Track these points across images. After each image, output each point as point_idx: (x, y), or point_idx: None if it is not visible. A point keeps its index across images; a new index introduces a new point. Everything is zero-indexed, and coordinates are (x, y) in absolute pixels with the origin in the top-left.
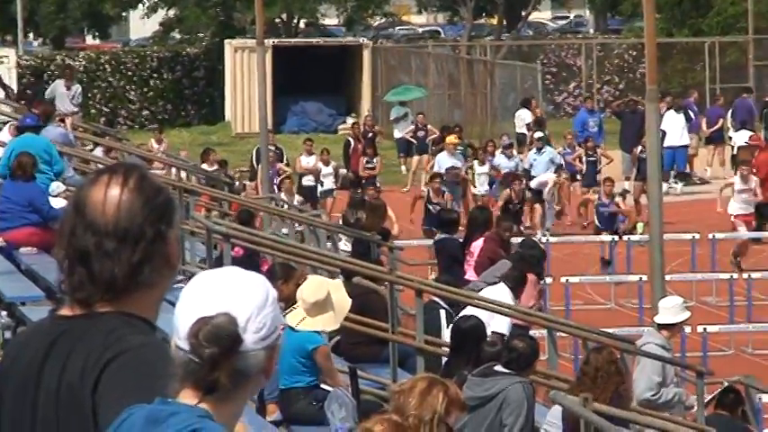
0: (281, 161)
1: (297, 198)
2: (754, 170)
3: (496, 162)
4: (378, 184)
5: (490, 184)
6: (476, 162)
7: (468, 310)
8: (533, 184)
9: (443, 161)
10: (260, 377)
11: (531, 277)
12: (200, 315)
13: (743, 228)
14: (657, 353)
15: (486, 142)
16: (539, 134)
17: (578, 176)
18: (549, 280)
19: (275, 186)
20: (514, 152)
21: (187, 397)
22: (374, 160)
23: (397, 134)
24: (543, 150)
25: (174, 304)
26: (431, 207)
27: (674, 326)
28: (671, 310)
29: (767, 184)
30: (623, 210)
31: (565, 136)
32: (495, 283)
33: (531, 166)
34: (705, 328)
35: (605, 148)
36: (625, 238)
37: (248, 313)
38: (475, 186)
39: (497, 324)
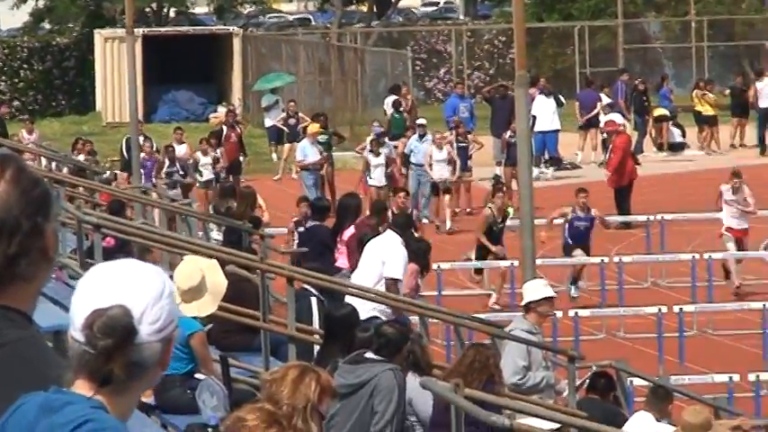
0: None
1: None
2: (612, 154)
3: (368, 156)
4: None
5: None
6: (371, 154)
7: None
8: (435, 177)
9: (305, 149)
10: (156, 369)
11: (412, 266)
12: (95, 307)
13: (731, 244)
14: (524, 336)
15: (453, 126)
16: (421, 120)
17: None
18: None
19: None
20: (386, 139)
21: (82, 388)
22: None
23: (269, 122)
24: (425, 138)
25: (47, 296)
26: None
27: (538, 306)
28: (533, 290)
29: (622, 168)
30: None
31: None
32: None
33: (411, 152)
34: (576, 313)
35: (476, 134)
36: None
37: (143, 305)
38: (371, 178)
39: (390, 270)
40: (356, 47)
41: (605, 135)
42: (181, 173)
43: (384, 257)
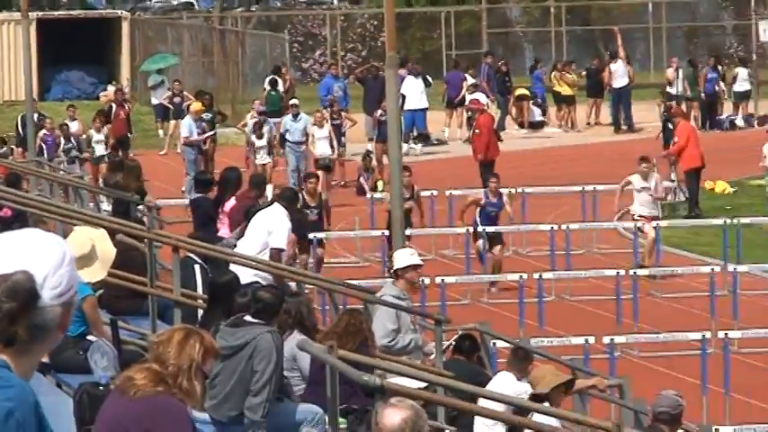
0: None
1: None
2: (477, 131)
3: (250, 128)
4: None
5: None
6: (315, 127)
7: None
8: (317, 154)
9: (190, 126)
10: (57, 332)
11: (291, 236)
12: None
13: (649, 228)
14: (393, 301)
15: (328, 105)
16: (293, 101)
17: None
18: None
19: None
20: (267, 119)
21: None
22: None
23: (155, 101)
24: (299, 117)
25: None
26: None
27: (405, 273)
28: (401, 258)
29: (490, 145)
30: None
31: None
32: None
33: (287, 131)
34: (443, 279)
35: (350, 112)
36: (368, 195)
37: (45, 271)
38: (257, 157)
39: (276, 241)
40: (237, 30)
41: (470, 113)
42: (76, 149)
43: (270, 228)
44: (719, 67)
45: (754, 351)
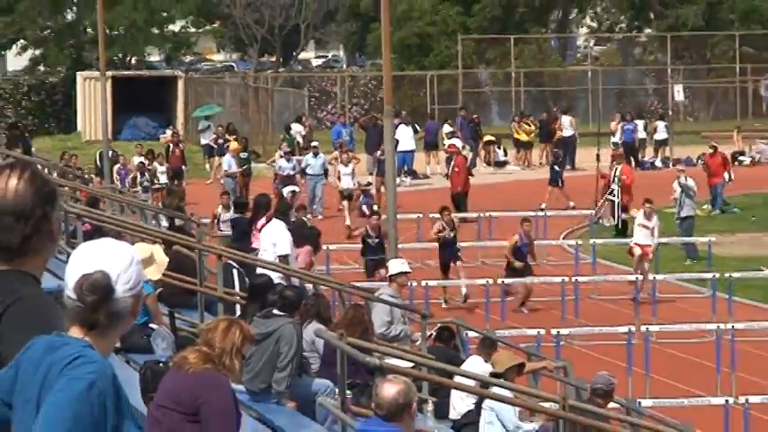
0: (117, 162)
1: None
2: (455, 169)
3: (278, 164)
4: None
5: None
6: (341, 165)
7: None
8: (343, 186)
9: (229, 162)
10: (129, 318)
11: (307, 248)
12: (83, 272)
13: (638, 250)
14: (388, 299)
15: (338, 147)
16: (314, 143)
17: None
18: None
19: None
20: (292, 156)
21: (75, 333)
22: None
23: (203, 141)
24: (318, 155)
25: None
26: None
27: (397, 278)
28: (394, 266)
29: (464, 180)
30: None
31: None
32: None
33: (308, 166)
34: (427, 283)
35: (355, 152)
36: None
37: (118, 270)
38: (340, 181)
39: (280, 249)
40: (267, 87)
41: (448, 155)
42: (149, 181)
43: (274, 240)
44: (636, 121)
45: (669, 342)
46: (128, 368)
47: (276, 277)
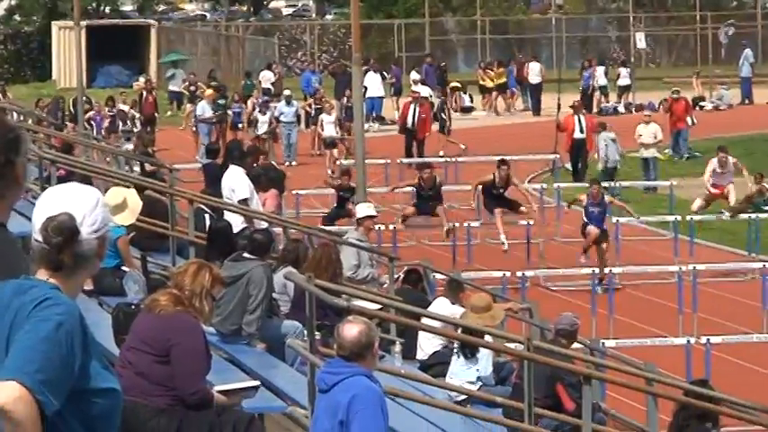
0: (91, 108)
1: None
2: (423, 116)
3: (254, 116)
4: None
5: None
6: (324, 114)
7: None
8: (325, 134)
9: (202, 107)
10: (95, 260)
11: (273, 191)
12: (48, 215)
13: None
14: (355, 242)
15: (314, 93)
16: (287, 91)
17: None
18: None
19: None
20: (267, 106)
21: (42, 275)
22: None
23: (171, 88)
24: (291, 103)
25: (17, 211)
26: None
27: (364, 221)
28: (361, 210)
29: (428, 124)
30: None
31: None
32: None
33: (282, 114)
34: (394, 227)
35: (326, 98)
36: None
37: (83, 212)
38: (324, 131)
39: (239, 194)
40: (238, 36)
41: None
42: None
43: (232, 186)
44: (598, 68)
45: (631, 283)
46: (100, 310)
47: (240, 222)
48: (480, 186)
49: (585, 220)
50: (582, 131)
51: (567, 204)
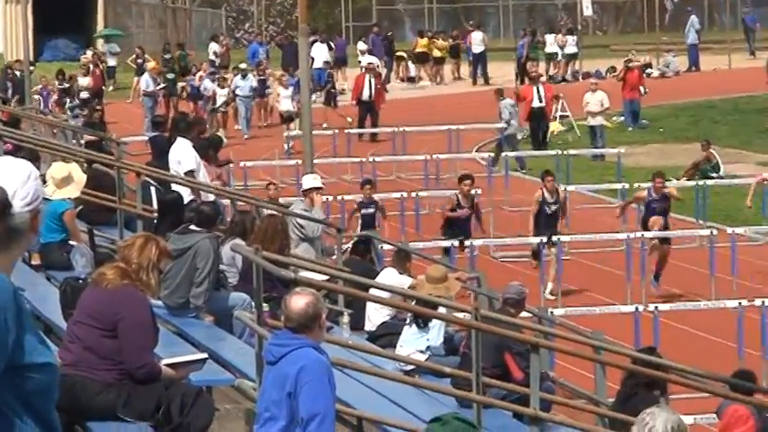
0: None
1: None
2: (378, 87)
3: (204, 86)
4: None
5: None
6: (280, 87)
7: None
8: (282, 108)
9: (148, 81)
10: (29, 234)
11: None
12: None
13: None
14: (301, 213)
15: (257, 64)
16: (242, 65)
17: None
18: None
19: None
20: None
21: None
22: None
23: (110, 63)
24: (247, 76)
25: None
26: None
27: (310, 192)
28: (307, 181)
29: (383, 95)
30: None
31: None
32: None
33: (237, 87)
34: (343, 197)
35: (273, 70)
36: (285, 133)
37: (15, 186)
38: (281, 105)
39: (185, 166)
40: (185, 8)
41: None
42: (78, 107)
43: (178, 158)
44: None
45: (579, 251)
46: (48, 285)
47: (187, 194)
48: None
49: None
50: (541, 101)
51: (621, 207)
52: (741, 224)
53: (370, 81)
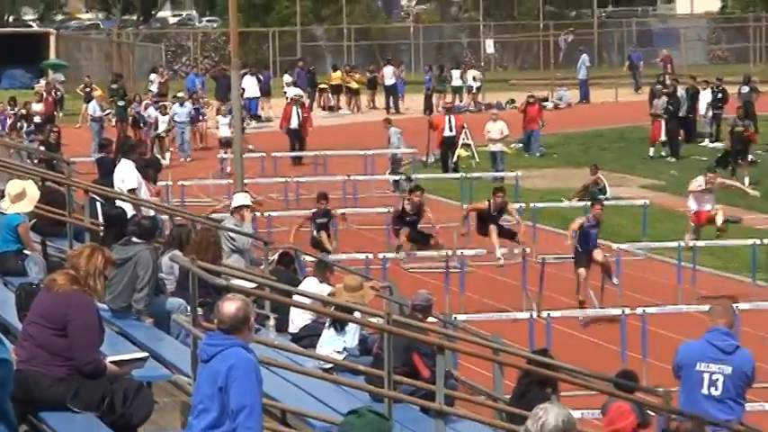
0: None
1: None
2: (306, 115)
3: (148, 113)
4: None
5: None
6: (219, 116)
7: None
8: (221, 134)
9: (93, 107)
10: None
11: (154, 189)
12: None
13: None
14: (233, 227)
15: (191, 94)
16: (181, 93)
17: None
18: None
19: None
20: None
21: None
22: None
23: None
24: (185, 104)
25: None
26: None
27: (239, 210)
28: (237, 199)
29: (308, 123)
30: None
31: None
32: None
33: (176, 114)
34: (270, 214)
35: (208, 100)
36: (220, 155)
37: None
38: (220, 131)
39: (127, 184)
40: (129, 42)
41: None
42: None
43: (122, 177)
44: (453, 71)
45: (482, 264)
46: (5, 289)
47: (129, 209)
48: (474, 212)
49: (578, 246)
50: (451, 130)
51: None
52: (624, 240)
53: (297, 111)
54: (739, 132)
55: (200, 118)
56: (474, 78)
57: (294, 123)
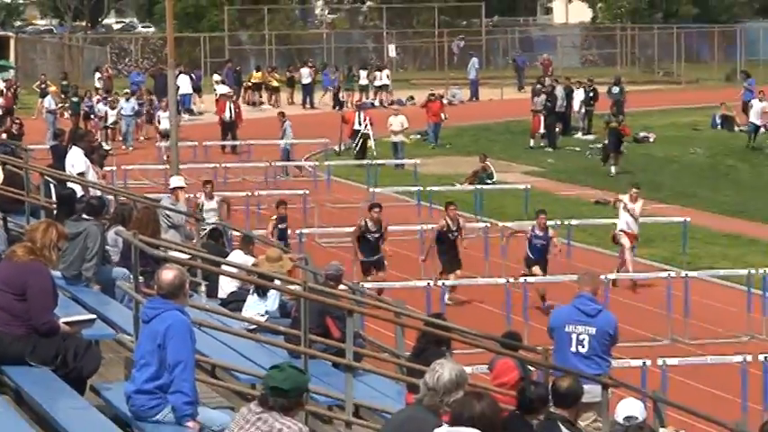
0: None
1: None
2: (237, 110)
3: (98, 107)
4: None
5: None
6: (160, 111)
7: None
8: (162, 127)
9: (48, 101)
10: None
11: (101, 172)
12: None
13: (624, 240)
14: (169, 206)
15: (141, 95)
16: (126, 90)
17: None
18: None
19: None
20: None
21: None
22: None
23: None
24: (130, 99)
25: None
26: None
27: (176, 190)
28: (174, 181)
29: (241, 118)
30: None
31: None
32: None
33: (122, 108)
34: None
35: (149, 96)
36: (157, 144)
37: None
38: (161, 125)
39: (76, 169)
40: (78, 45)
41: (218, 96)
42: None
43: (72, 162)
44: (361, 71)
45: (389, 239)
46: None
47: (79, 190)
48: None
49: (529, 253)
50: (360, 124)
51: (507, 236)
52: (508, 219)
53: (230, 106)
54: (614, 127)
55: (142, 111)
56: (388, 77)
57: (227, 116)
